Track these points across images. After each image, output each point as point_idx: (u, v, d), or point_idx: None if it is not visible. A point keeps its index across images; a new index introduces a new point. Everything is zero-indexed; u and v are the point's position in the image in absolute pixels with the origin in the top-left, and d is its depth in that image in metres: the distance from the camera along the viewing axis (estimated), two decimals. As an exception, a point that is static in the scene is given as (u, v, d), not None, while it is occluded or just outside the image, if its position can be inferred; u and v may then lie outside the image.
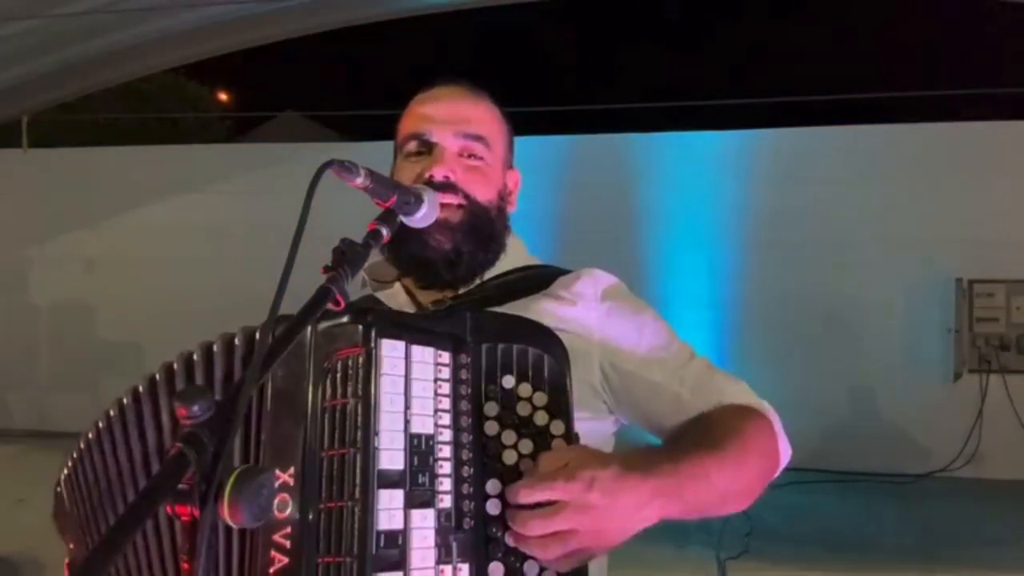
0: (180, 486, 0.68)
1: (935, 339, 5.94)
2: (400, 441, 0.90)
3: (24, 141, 7.57)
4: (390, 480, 0.88)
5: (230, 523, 0.69)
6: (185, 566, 0.69)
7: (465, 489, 0.93)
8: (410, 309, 1.22)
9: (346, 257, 0.92)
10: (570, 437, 0.97)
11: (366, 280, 1.27)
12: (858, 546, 4.34)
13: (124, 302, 6.92)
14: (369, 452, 0.87)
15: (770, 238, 6.04)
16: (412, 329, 0.94)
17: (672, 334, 1.20)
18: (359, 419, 0.88)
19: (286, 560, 0.87)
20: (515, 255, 1.27)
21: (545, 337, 1.00)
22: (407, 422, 0.91)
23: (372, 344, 0.90)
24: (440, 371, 0.95)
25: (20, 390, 7.13)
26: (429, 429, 0.93)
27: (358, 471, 0.87)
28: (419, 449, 0.91)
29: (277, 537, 0.88)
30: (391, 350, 0.91)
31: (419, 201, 1.08)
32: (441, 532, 0.90)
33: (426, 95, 1.25)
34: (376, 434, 0.88)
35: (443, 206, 1.13)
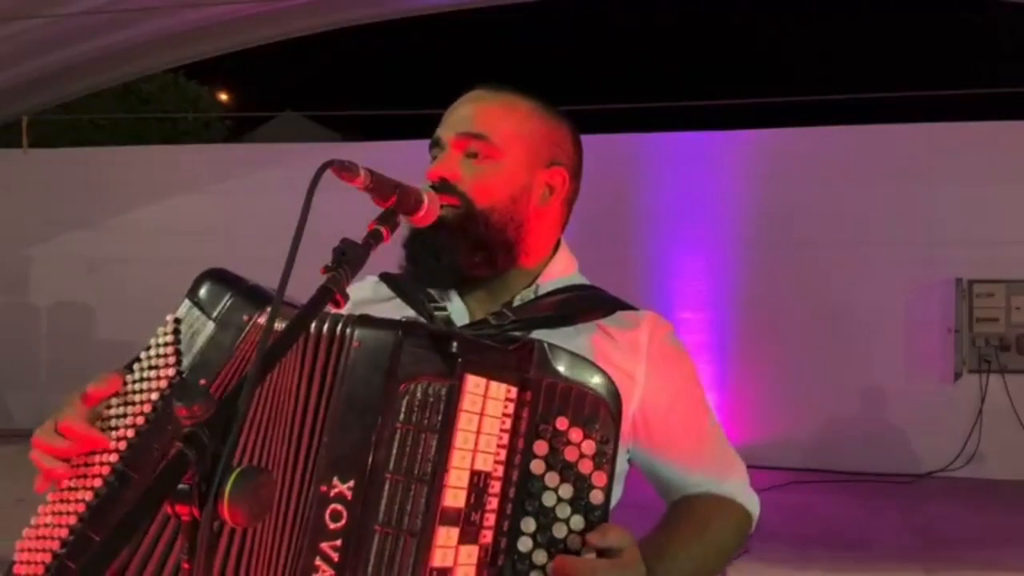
0: (180, 486, 0.68)
1: (935, 339, 5.94)
2: (464, 479, 0.90)
3: (24, 141, 7.57)
4: (450, 518, 0.88)
5: (230, 523, 0.69)
6: (185, 566, 0.69)
7: (504, 525, 0.93)
8: (464, 314, 1.20)
9: (346, 257, 0.92)
10: (609, 490, 0.98)
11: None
12: (858, 546, 4.34)
13: (124, 302, 6.91)
14: (436, 488, 0.87)
15: (770, 238, 6.04)
16: (491, 362, 0.94)
17: (702, 398, 1.26)
18: (433, 452, 0.88)
19: (332, 572, 0.86)
20: (564, 271, 1.27)
21: (607, 385, 1.00)
22: (472, 459, 0.91)
23: (457, 378, 0.90)
24: (507, 407, 0.95)
25: (20, 390, 7.13)
26: (488, 467, 0.92)
27: (423, 504, 0.87)
28: (477, 487, 0.91)
29: (325, 546, 0.87)
30: (473, 386, 0.91)
31: (419, 202, 1.08)
32: (478, 567, 0.90)
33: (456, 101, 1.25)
34: (446, 471, 0.88)
35: (442, 206, 1.13)
